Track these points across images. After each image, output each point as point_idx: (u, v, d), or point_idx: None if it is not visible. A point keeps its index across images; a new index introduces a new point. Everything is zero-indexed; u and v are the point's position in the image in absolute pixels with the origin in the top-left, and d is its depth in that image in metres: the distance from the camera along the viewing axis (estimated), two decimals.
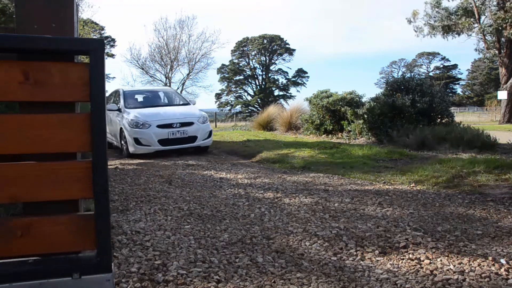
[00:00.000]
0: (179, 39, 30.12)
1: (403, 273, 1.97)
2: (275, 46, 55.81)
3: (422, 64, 59.47)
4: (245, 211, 3.19)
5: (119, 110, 7.96)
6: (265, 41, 55.43)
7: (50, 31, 1.15)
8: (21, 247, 1.11)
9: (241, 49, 56.22)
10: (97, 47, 1.11)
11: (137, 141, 7.11)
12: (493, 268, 2.01)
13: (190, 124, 7.45)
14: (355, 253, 2.24)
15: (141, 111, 7.74)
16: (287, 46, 56.25)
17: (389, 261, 2.12)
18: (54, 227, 1.13)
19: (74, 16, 1.18)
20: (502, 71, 18.77)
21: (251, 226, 2.77)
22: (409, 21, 18.72)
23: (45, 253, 1.14)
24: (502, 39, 17.66)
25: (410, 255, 2.18)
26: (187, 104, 8.69)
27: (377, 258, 2.17)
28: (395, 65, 61.18)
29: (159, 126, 7.23)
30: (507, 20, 15.88)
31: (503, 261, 2.09)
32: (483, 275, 1.93)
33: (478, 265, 2.05)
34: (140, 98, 8.81)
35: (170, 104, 8.77)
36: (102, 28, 34.88)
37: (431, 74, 56.16)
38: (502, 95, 19.46)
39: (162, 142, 7.17)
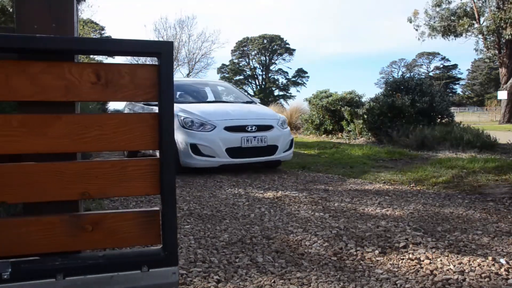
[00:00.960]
0: (179, 39, 30.16)
1: (403, 273, 1.97)
2: (275, 46, 55.86)
3: (422, 64, 59.52)
4: (245, 211, 3.20)
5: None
6: (265, 41, 55.46)
7: (50, 31, 1.16)
8: (92, 241, 1.16)
9: (241, 49, 56.24)
10: (167, 49, 1.16)
11: (195, 149, 4.89)
12: (493, 268, 2.01)
13: (269, 128, 5.27)
14: (355, 253, 2.24)
15: (198, 106, 5.50)
16: (287, 46, 56.30)
17: (389, 261, 2.12)
18: (122, 222, 1.18)
19: (74, 16, 1.19)
20: (502, 71, 18.78)
21: (251, 226, 2.77)
22: (410, 21, 18.73)
23: (113, 247, 1.22)
24: (502, 39, 17.67)
25: (410, 255, 2.18)
26: (252, 102, 6.35)
27: (377, 258, 2.17)
28: (395, 65, 61.23)
29: (228, 129, 5.00)
30: (506, 21, 15.89)
31: (503, 261, 2.09)
32: (483, 275, 1.94)
33: (478, 265, 2.05)
34: (191, 91, 6.51)
35: (231, 101, 6.50)
36: (102, 28, 34.88)
37: (431, 74, 56.19)
38: (502, 95, 19.45)
39: (231, 152, 4.94)
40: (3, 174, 1.09)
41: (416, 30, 18.70)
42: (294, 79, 57.12)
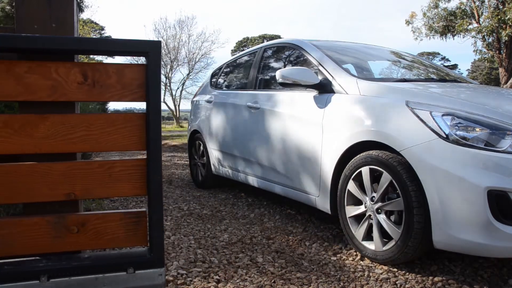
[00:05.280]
0: (179, 39, 30.19)
1: (403, 273, 1.97)
2: None
3: None
4: (245, 211, 3.19)
5: (320, 87, 2.54)
6: (265, 41, 55.47)
7: (50, 31, 1.15)
8: (77, 243, 1.15)
9: (241, 49, 56.24)
10: (155, 49, 1.14)
11: (506, 206, 1.63)
12: (493, 268, 2.01)
13: None
14: (355, 253, 2.24)
15: (432, 90, 2.30)
16: None
17: None
18: (109, 223, 1.17)
19: (74, 16, 1.19)
20: (502, 71, 18.79)
21: (251, 226, 2.77)
22: (408, 23, 18.73)
23: (99, 249, 1.18)
24: (502, 39, 17.66)
25: None
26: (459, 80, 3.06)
27: None
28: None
29: None
30: (506, 21, 15.91)
31: None
32: (484, 275, 1.94)
33: (479, 265, 2.05)
34: (366, 63, 3.39)
35: (456, 79, 3.08)
36: (102, 28, 34.81)
37: None
38: None
39: None
40: None
41: (414, 32, 18.71)
42: None
